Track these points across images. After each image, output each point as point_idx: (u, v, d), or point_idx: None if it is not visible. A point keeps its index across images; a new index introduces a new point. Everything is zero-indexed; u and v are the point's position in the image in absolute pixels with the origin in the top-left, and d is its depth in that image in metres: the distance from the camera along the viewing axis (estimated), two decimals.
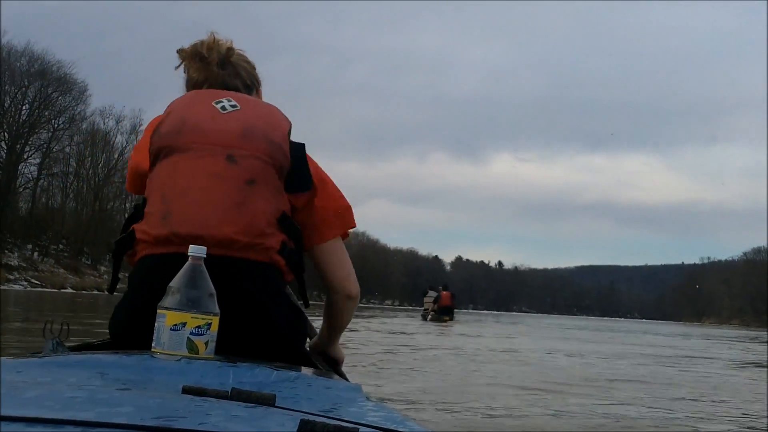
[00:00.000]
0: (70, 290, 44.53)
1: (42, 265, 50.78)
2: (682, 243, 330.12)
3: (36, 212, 55.77)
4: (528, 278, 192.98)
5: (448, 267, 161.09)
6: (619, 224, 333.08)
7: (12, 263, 47.01)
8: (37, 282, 44.70)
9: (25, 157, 52.90)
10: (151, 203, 1.74)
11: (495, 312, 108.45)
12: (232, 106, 1.84)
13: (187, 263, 1.40)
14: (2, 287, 38.67)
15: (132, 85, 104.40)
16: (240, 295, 1.65)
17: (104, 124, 60.80)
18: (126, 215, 1.93)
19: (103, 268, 57.34)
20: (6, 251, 48.57)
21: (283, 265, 1.75)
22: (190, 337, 1.35)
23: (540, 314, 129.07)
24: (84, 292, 44.04)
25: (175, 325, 1.35)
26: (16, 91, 51.07)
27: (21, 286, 42.04)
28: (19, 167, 52.54)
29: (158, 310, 1.38)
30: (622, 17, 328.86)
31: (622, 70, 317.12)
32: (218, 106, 1.83)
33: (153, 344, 1.38)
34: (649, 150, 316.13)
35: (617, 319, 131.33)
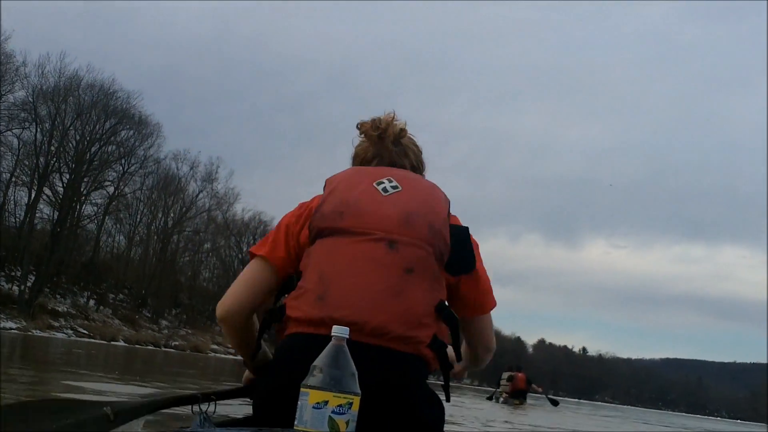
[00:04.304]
0: (122, 343, 40.72)
1: (96, 314, 47.02)
2: None
3: (97, 258, 52.27)
4: (612, 367, 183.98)
5: (530, 349, 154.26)
6: (709, 318, 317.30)
7: (59, 309, 43.34)
8: (85, 331, 40.85)
9: (84, 193, 48.03)
10: (308, 280, 1.80)
11: (577, 399, 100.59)
12: (394, 187, 1.89)
13: (330, 343, 1.45)
14: (42, 335, 35.09)
15: (207, 130, 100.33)
16: (384, 383, 1.68)
17: (177, 169, 56.45)
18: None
19: (164, 323, 53.30)
20: (58, 296, 45.07)
21: (430, 358, 1.79)
22: (332, 415, 1.40)
23: (623, 405, 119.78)
24: (138, 346, 40.21)
25: (318, 403, 1.40)
26: (83, 125, 46.55)
27: (65, 335, 38.24)
28: (81, 207, 48.40)
29: (302, 389, 1.43)
30: (722, 105, 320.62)
31: (724, 158, 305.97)
32: (380, 187, 1.88)
33: (296, 422, 1.42)
34: (749, 243, 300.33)
35: (705, 417, 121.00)
